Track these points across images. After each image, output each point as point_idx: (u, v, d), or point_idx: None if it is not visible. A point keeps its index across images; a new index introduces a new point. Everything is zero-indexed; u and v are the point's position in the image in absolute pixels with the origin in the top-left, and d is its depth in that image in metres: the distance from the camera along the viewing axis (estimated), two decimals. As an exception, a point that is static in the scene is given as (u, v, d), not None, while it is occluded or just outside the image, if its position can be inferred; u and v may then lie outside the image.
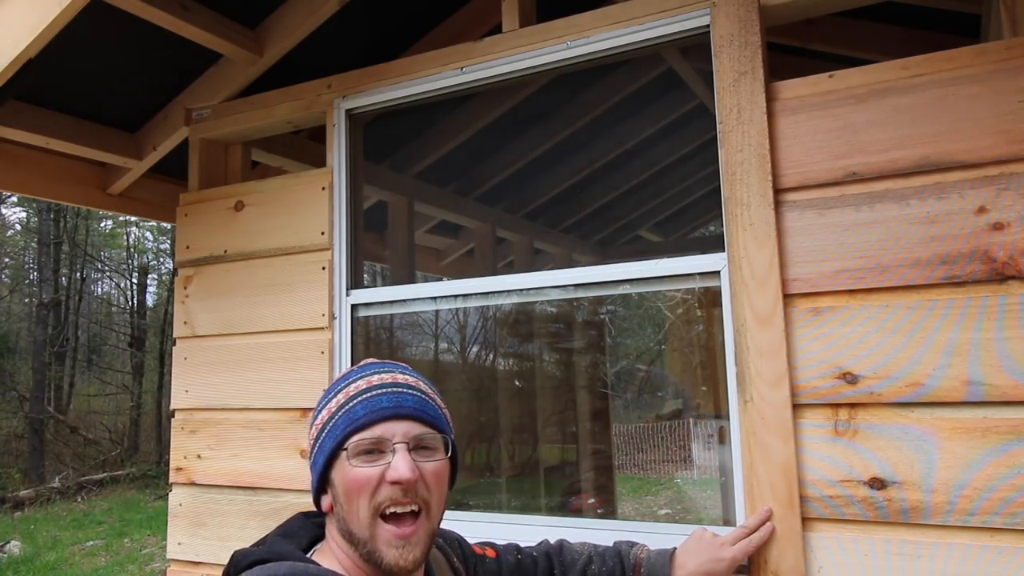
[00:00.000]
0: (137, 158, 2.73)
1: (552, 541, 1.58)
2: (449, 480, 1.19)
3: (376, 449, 1.10)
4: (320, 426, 1.16)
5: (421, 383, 1.20)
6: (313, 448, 1.16)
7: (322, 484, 1.15)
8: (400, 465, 1.08)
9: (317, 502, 1.16)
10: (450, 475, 1.20)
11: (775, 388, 1.61)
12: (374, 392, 1.13)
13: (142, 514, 10.79)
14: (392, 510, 1.08)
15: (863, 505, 1.52)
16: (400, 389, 1.15)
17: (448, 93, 2.19)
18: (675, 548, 1.56)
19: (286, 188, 2.33)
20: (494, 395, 4.76)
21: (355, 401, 1.13)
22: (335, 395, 1.17)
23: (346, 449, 1.10)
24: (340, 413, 1.13)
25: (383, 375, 1.17)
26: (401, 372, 1.20)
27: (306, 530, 1.17)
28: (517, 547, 1.51)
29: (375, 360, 1.24)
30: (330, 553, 1.13)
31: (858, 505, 1.53)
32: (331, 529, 1.15)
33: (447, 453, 1.17)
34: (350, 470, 1.09)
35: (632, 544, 1.58)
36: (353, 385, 1.16)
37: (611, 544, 1.59)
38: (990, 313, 1.45)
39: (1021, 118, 1.47)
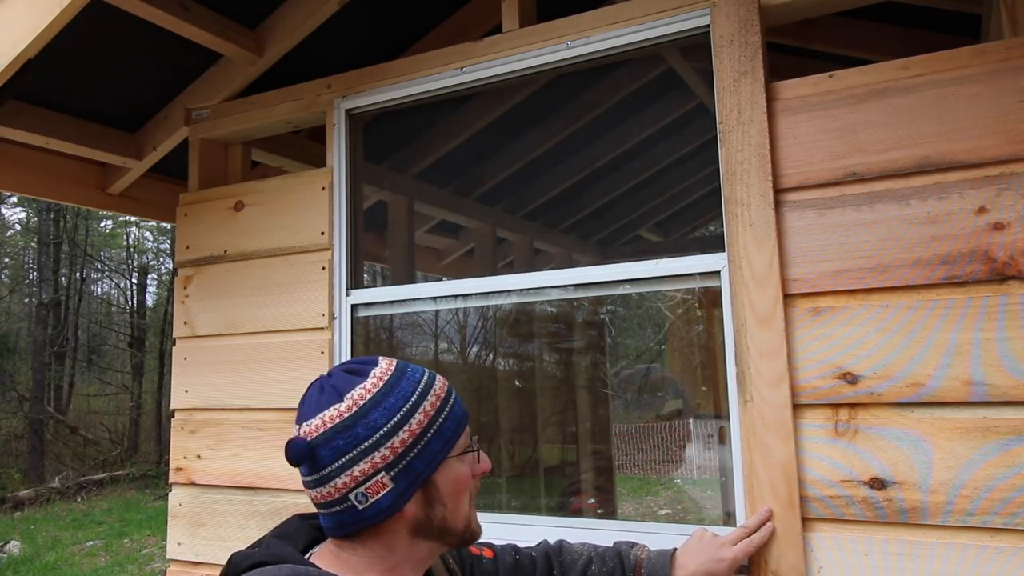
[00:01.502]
0: (137, 158, 2.73)
1: (552, 542, 1.57)
2: None
3: (472, 446, 1.17)
4: (418, 432, 1.08)
5: None
6: (407, 455, 1.07)
7: (415, 490, 1.08)
8: (487, 459, 1.19)
9: (399, 511, 1.07)
10: None
11: (775, 388, 1.61)
12: (454, 393, 1.17)
13: (142, 514, 10.79)
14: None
15: (862, 506, 1.52)
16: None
17: (448, 93, 2.19)
18: (675, 549, 1.55)
19: (286, 188, 2.33)
20: (494, 395, 4.76)
21: (450, 403, 1.14)
22: (423, 399, 1.10)
23: (455, 451, 1.13)
24: (443, 417, 1.12)
25: (432, 374, 1.19)
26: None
27: (303, 532, 1.17)
28: (515, 547, 1.51)
29: (403, 360, 1.20)
30: (330, 555, 1.12)
31: (857, 506, 1.53)
32: (399, 536, 1.09)
33: None
34: (459, 469, 1.13)
35: (632, 544, 1.58)
36: (436, 387, 1.14)
37: (611, 545, 1.58)
38: (991, 313, 1.45)
39: (1021, 118, 1.47)
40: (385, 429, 1.06)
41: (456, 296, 2.16)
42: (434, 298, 2.20)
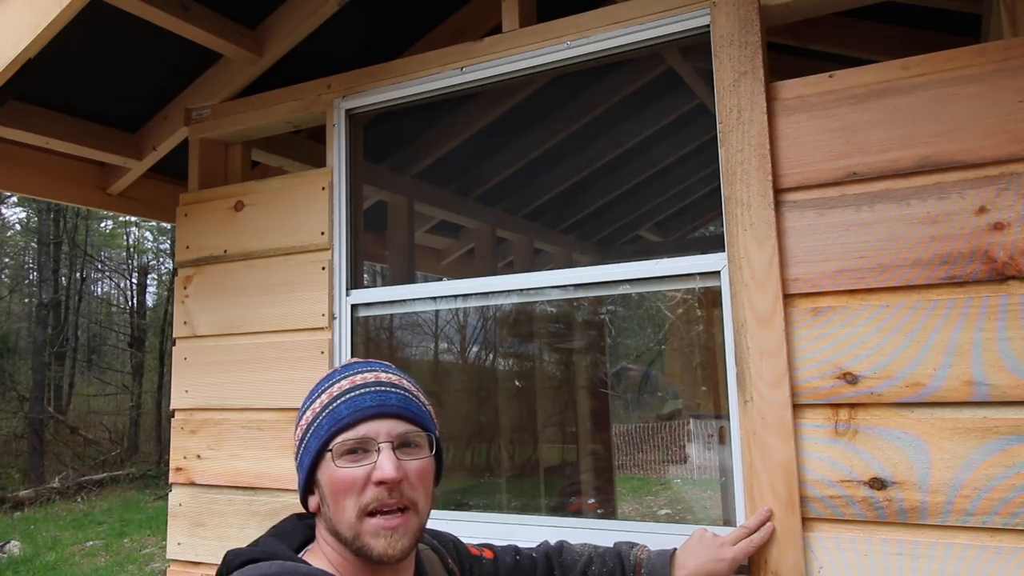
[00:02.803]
0: (137, 158, 2.73)
1: (552, 542, 1.57)
2: (435, 477, 1.20)
3: (361, 448, 1.10)
4: (305, 427, 1.16)
5: (404, 381, 1.21)
6: (299, 449, 1.17)
7: (309, 484, 1.15)
8: (385, 465, 1.08)
9: (304, 502, 1.17)
10: (436, 472, 1.20)
11: (775, 388, 1.60)
12: (358, 391, 1.14)
13: (142, 514, 10.79)
14: (378, 510, 1.10)
15: (862, 506, 1.52)
16: (383, 388, 1.15)
17: (448, 93, 2.19)
18: (675, 549, 1.55)
19: (286, 188, 2.33)
20: (494, 395, 4.76)
21: (339, 401, 1.14)
22: (319, 395, 1.17)
23: (331, 450, 1.10)
24: (324, 413, 1.14)
25: (366, 374, 1.17)
26: (384, 371, 1.20)
27: (298, 531, 1.18)
28: (516, 548, 1.50)
29: (358, 360, 1.24)
30: (320, 553, 1.14)
31: (857, 506, 1.52)
32: (320, 529, 1.16)
33: (432, 451, 1.17)
34: (336, 471, 1.10)
35: (632, 545, 1.58)
36: (336, 385, 1.16)
37: (611, 545, 1.58)
38: (991, 313, 1.45)
39: (1021, 118, 1.47)
40: (299, 422, 1.19)
41: (456, 296, 2.16)
42: (434, 298, 2.20)
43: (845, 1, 1.76)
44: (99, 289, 21.34)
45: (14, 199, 16.79)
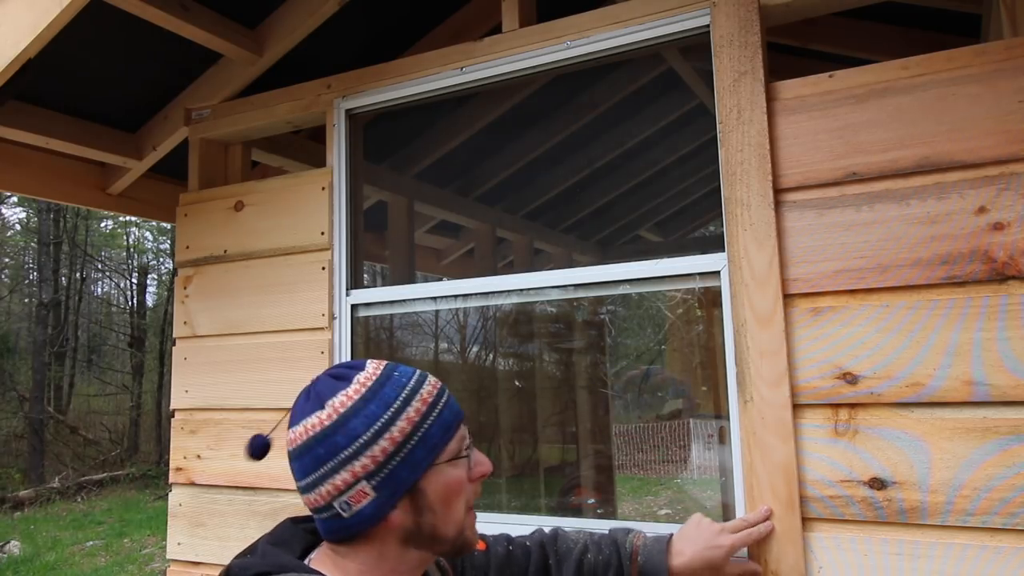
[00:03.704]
0: (137, 158, 2.73)
1: (547, 530, 1.54)
2: None
3: (466, 450, 1.12)
4: (400, 439, 1.04)
5: None
6: (389, 463, 1.03)
7: (400, 498, 1.05)
8: (485, 460, 1.13)
9: (383, 519, 1.04)
10: None
11: (775, 388, 1.61)
12: (444, 395, 1.11)
13: (142, 514, 10.79)
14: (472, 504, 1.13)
15: (862, 506, 1.52)
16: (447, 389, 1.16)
17: (448, 93, 2.19)
18: (672, 535, 1.53)
19: (286, 188, 2.33)
20: (494, 395, 4.76)
21: (439, 408, 1.08)
22: (407, 404, 1.06)
23: (443, 457, 1.07)
24: (429, 422, 1.06)
25: (422, 377, 1.12)
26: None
27: (298, 537, 1.14)
28: (508, 537, 1.48)
29: (386, 361, 1.16)
30: (328, 560, 1.09)
31: (857, 506, 1.53)
32: (372, 543, 1.07)
33: None
34: (450, 475, 1.07)
35: (628, 531, 1.55)
36: (424, 391, 1.08)
37: (607, 531, 1.56)
38: (991, 313, 1.45)
39: (1021, 118, 1.47)
40: (365, 437, 1.02)
41: (456, 296, 2.16)
42: (434, 298, 2.20)
43: (845, 1, 1.76)
44: (99, 289, 21.35)
45: (14, 199, 16.79)
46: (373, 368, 1.09)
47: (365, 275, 2.51)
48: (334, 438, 1.03)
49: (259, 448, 1.19)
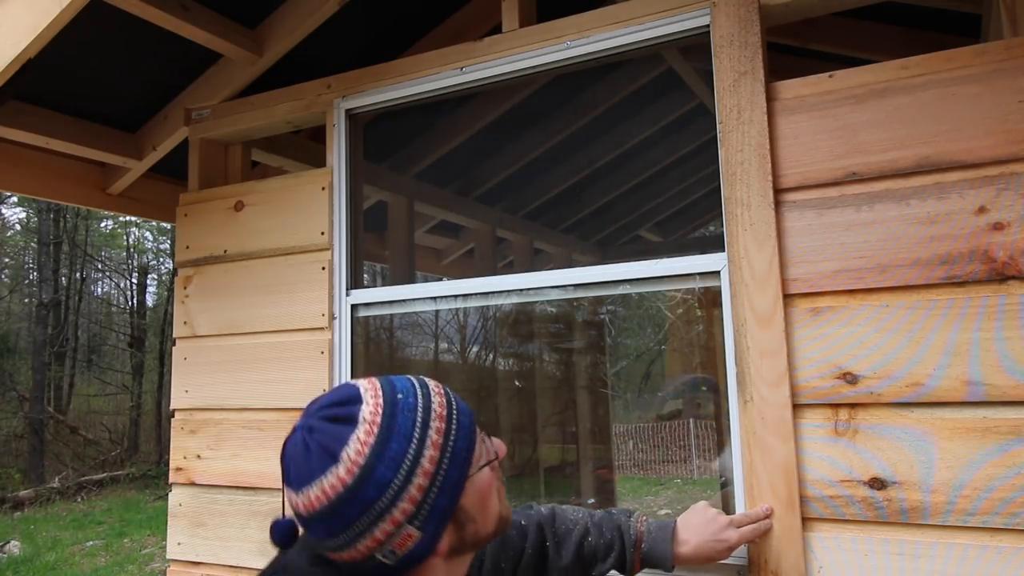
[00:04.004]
0: (137, 158, 2.73)
1: (544, 509, 1.47)
2: None
3: (487, 450, 1.06)
4: (432, 470, 0.94)
5: None
6: (428, 498, 0.94)
7: (446, 526, 0.97)
8: (498, 442, 1.07)
9: (432, 553, 0.96)
10: None
11: (775, 388, 1.61)
12: (453, 400, 1.03)
13: (142, 514, 10.79)
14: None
15: (862, 505, 1.52)
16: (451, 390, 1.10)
17: (448, 93, 2.19)
18: (676, 522, 1.50)
19: (286, 188, 2.33)
20: (494, 395, 4.76)
21: (455, 419, 1.00)
22: (427, 430, 0.96)
23: (473, 468, 1.00)
24: (452, 439, 0.98)
25: (424, 388, 1.03)
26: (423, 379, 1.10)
27: (325, 570, 1.00)
28: None
29: (375, 381, 1.04)
30: None
31: (857, 505, 1.53)
32: (419, 574, 0.98)
33: None
34: (481, 479, 1.01)
35: (629, 514, 1.50)
36: (435, 407, 0.99)
37: (607, 512, 1.50)
38: (990, 313, 1.45)
39: (1021, 118, 1.47)
40: (397, 482, 0.91)
41: (456, 296, 2.16)
42: (434, 298, 2.20)
43: (845, 1, 1.76)
44: (99, 289, 21.35)
45: (14, 199, 16.80)
46: (372, 398, 0.96)
47: (365, 275, 2.50)
48: (363, 493, 0.91)
49: (284, 534, 1.04)
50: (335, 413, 0.95)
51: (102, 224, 19.23)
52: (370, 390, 0.98)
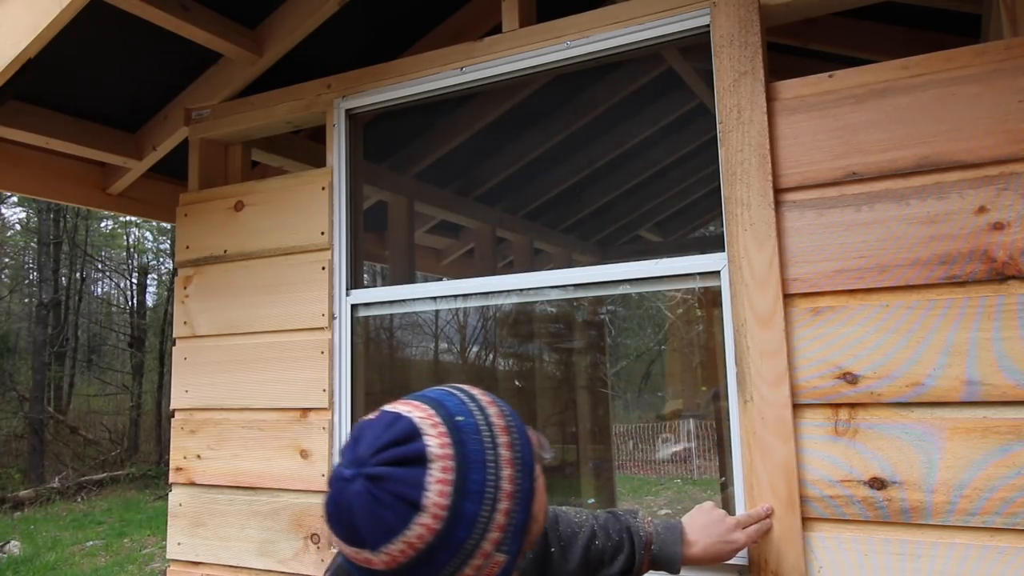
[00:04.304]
0: (137, 158, 2.73)
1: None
2: None
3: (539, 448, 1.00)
4: (513, 490, 0.87)
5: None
6: (512, 520, 0.87)
7: (524, 541, 0.90)
8: (531, 428, 0.98)
9: (514, 567, 0.90)
10: None
11: (775, 388, 1.61)
12: (504, 405, 0.96)
13: (142, 514, 10.79)
14: None
15: (863, 505, 1.52)
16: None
17: (448, 93, 2.19)
18: (682, 522, 1.49)
19: (286, 188, 2.33)
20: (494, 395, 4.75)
21: (514, 422, 0.94)
22: (497, 448, 0.88)
23: (538, 473, 0.95)
24: (519, 448, 0.91)
25: (473, 400, 0.95)
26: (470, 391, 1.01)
27: None
28: None
29: (422, 404, 0.92)
30: None
31: (858, 505, 1.53)
32: None
33: None
34: (541, 493, 0.95)
35: (635, 514, 1.48)
36: (493, 419, 0.91)
37: (611, 513, 1.47)
38: (989, 313, 1.45)
39: (1021, 118, 1.47)
40: (484, 515, 0.84)
41: (456, 296, 2.16)
42: (434, 298, 2.20)
43: (845, 1, 1.76)
44: (99, 289, 21.35)
45: (14, 199, 16.80)
46: (432, 427, 0.86)
47: (365, 275, 2.50)
48: (453, 536, 0.82)
49: None
50: (398, 455, 0.83)
51: (102, 224, 19.23)
52: (426, 419, 0.87)
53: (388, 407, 0.91)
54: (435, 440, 0.84)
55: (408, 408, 0.89)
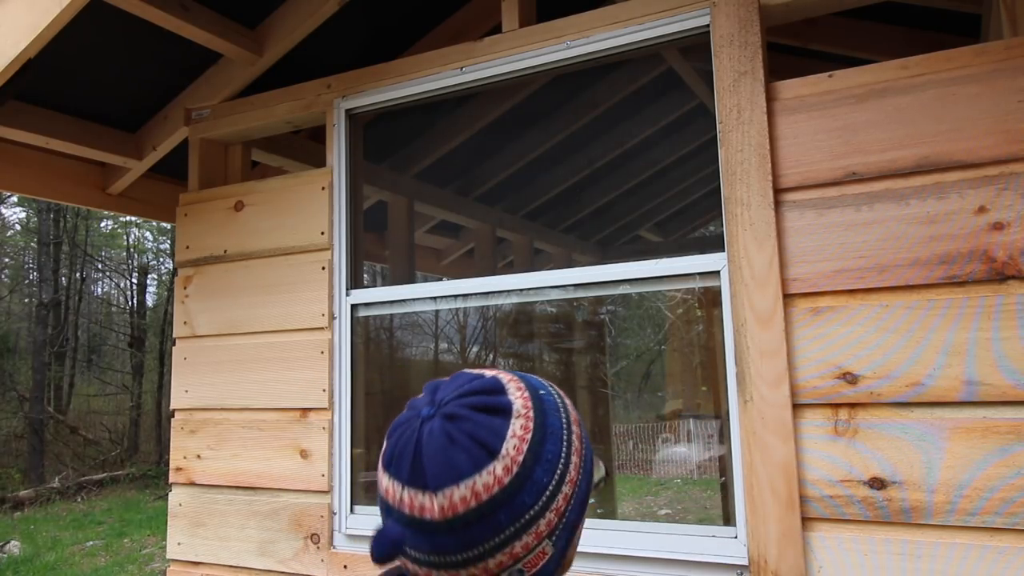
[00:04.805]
0: (137, 158, 2.73)
1: None
2: None
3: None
4: (577, 478, 0.83)
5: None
6: (567, 512, 0.81)
7: (571, 543, 0.83)
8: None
9: (553, 573, 0.82)
10: None
11: (775, 388, 1.61)
12: (568, 404, 0.90)
13: (142, 514, 10.79)
14: None
15: (864, 504, 1.52)
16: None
17: (448, 93, 2.19)
18: None
19: (286, 188, 2.33)
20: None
21: (578, 415, 0.88)
22: (571, 431, 0.84)
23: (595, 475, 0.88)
24: (587, 446, 0.87)
25: (552, 387, 0.90)
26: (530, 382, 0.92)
27: None
28: None
29: (506, 371, 0.88)
30: None
31: (859, 504, 1.53)
32: None
33: None
34: (586, 508, 0.87)
35: None
36: (569, 406, 0.87)
37: None
38: (988, 313, 1.45)
39: (1021, 118, 1.47)
40: (550, 489, 0.79)
41: (456, 296, 2.16)
42: (434, 298, 2.20)
43: (845, 1, 1.76)
44: (99, 289, 21.35)
45: (14, 199, 16.79)
46: (517, 389, 0.82)
47: (365, 275, 2.50)
48: (519, 497, 0.76)
49: (391, 546, 0.80)
50: (482, 402, 0.79)
51: (102, 224, 19.23)
52: (511, 382, 0.83)
53: (467, 371, 0.87)
54: (520, 400, 0.81)
55: (493, 371, 0.85)
